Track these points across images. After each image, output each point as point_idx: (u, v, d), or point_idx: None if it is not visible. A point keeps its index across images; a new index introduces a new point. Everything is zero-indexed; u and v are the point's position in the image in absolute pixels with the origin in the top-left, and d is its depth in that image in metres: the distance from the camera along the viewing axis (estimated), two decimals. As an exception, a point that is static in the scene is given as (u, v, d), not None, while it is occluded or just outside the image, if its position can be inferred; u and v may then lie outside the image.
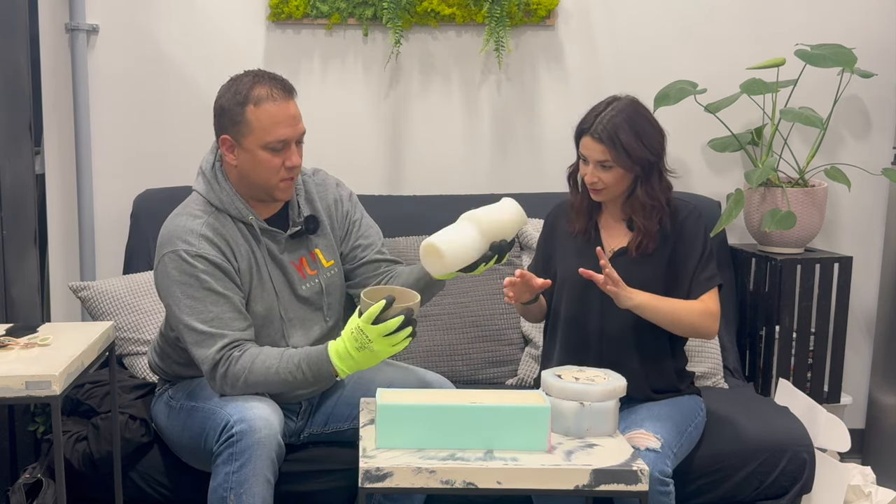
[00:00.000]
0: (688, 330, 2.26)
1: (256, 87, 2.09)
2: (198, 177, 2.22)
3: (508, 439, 1.82)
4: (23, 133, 2.64)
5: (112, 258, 3.09)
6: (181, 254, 2.08)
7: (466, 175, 3.20)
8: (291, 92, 2.13)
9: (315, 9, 3.06)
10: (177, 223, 2.14)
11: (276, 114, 2.09)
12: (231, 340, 2.07)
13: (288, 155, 2.12)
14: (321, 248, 2.26)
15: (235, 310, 2.09)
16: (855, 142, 3.25)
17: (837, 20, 3.16)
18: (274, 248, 2.19)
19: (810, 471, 2.41)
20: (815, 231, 3.00)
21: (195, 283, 2.07)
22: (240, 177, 2.16)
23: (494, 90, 3.19)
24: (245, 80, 2.12)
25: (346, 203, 2.33)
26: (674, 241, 2.27)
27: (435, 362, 2.74)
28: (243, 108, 2.09)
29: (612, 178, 2.23)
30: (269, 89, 2.09)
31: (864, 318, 3.31)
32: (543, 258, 2.42)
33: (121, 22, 3.06)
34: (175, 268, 2.08)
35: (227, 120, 2.11)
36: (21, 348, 2.06)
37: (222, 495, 1.99)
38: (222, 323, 2.07)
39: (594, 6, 3.15)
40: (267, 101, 2.08)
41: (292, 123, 2.11)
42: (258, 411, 2.02)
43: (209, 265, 2.08)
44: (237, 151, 2.13)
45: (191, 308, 2.07)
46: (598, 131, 2.20)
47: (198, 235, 2.10)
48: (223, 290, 2.08)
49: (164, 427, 2.28)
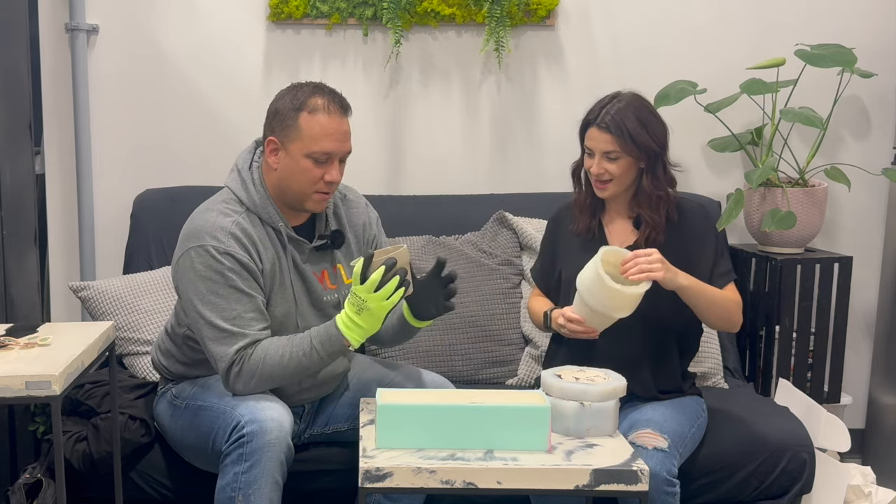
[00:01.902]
0: (721, 317, 2.25)
1: (316, 97, 2.10)
2: (231, 173, 2.22)
3: (508, 439, 1.82)
4: (23, 133, 2.64)
5: (112, 258, 3.09)
6: (209, 249, 2.07)
7: (466, 175, 3.20)
8: (347, 110, 2.14)
9: (315, 9, 3.06)
10: (206, 218, 2.12)
11: (327, 125, 2.09)
12: (250, 341, 2.07)
13: (329, 169, 2.11)
14: (344, 264, 2.26)
15: (258, 310, 2.09)
16: (855, 142, 3.25)
17: (837, 20, 3.16)
18: (298, 257, 2.18)
19: (810, 471, 2.41)
20: (815, 231, 3.00)
21: (221, 279, 2.06)
22: (277, 181, 2.14)
23: (494, 90, 3.19)
24: (306, 87, 2.13)
25: (374, 227, 2.34)
26: (681, 237, 2.28)
27: (435, 362, 2.74)
28: (298, 113, 2.09)
29: (618, 169, 2.23)
30: (327, 101, 2.10)
31: (864, 318, 3.31)
32: (549, 259, 2.42)
33: (121, 22, 3.06)
34: (202, 262, 2.07)
35: (279, 122, 2.11)
36: (21, 348, 2.06)
37: (230, 495, 1.99)
38: (244, 322, 2.07)
39: (594, 6, 3.15)
40: (321, 111, 2.09)
41: (340, 139, 2.12)
42: (270, 412, 2.02)
43: (236, 263, 2.07)
44: (281, 154, 2.12)
45: (214, 305, 2.06)
46: (606, 121, 2.21)
47: (227, 233, 2.09)
48: (248, 289, 2.08)
49: (168, 426, 2.27)
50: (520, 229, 2.92)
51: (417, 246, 2.89)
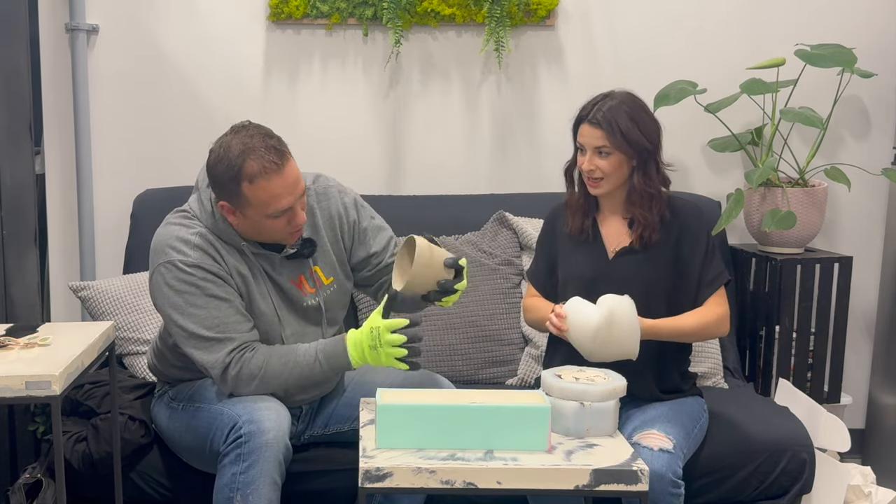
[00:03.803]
0: (702, 339, 2.37)
1: (248, 162, 1.96)
2: (194, 191, 2.16)
3: (508, 439, 1.82)
4: (23, 133, 2.64)
5: (112, 258, 3.09)
6: (177, 263, 2.05)
7: (466, 175, 3.20)
8: (284, 155, 2.00)
9: (315, 9, 3.06)
10: (168, 232, 2.09)
11: (274, 188, 1.98)
12: (239, 343, 2.06)
13: (292, 217, 2.04)
14: (320, 265, 2.23)
15: (238, 312, 2.08)
16: (855, 142, 3.25)
17: (837, 20, 3.16)
18: (269, 269, 2.15)
19: (810, 471, 2.41)
20: (815, 231, 3.00)
21: (196, 290, 2.04)
22: (243, 231, 2.10)
23: (494, 90, 3.19)
24: (234, 148, 1.98)
25: (352, 211, 2.24)
26: (676, 237, 2.27)
27: (435, 362, 2.74)
28: (238, 184, 1.98)
29: (609, 166, 2.23)
30: (260, 163, 1.96)
31: (864, 318, 3.31)
32: (546, 259, 2.41)
33: (121, 22, 3.06)
34: (173, 277, 2.05)
35: (224, 191, 2.03)
36: (21, 348, 2.06)
37: (228, 495, 1.99)
38: (227, 327, 2.06)
39: (594, 6, 3.15)
40: (260, 177, 1.96)
41: (292, 191, 2.01)
42: (267, 412, 2.02)
43: (206, 273, 2.05)
44: (238, 216, 2.05)
45: (194, 316, 2.04)
46: (597, 118, 2.22)
47: (192, 245, 2.06)
48: (224, 294, 2.06)
49: (165, 428, 2.27)
50: (520, 229, 2.92)
51: (417, 246, 2.89)
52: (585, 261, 2.28)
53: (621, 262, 2.26)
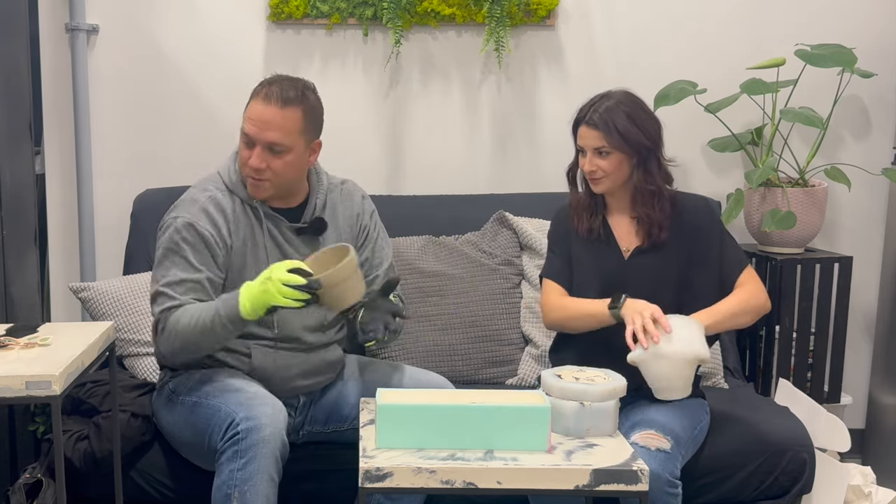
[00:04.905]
0: (751, 318, 2.29)
1: (270, 84, 2.18)
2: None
3: (508, 439, 1.82)
4: (23, 133, 2.64)
5: (112, 258, 3.09)
6: (176, 221, 2.18)
7: (466, 175, 3.19)
8: (284, 102, 2.16)
9: (315, 9, 3.06)
10: (188, 194, 2.24)
11: (254, 110, 2.17)
12: (176, 304, 2.11)
13: (251, 154, 2.17)
14: None
15: (198, 283, 2.14)
16: (855, 142, 3.25)
17: (837, 20, 3.16)
18: (276, 233, 2.23)
19: (810, 471, 2.41)
20: (815, 231, 3.00)
21: (175, 248, 2.16)
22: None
23: (494, 90, 3.19)
24: (275, 78, 2.22)
25: (367, 219, 2.38)
26: (688, 233, 2.28)
27: (435, 362, 2.74)
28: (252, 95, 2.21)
29: (609, 166, 2.23)
30: (269, 89, 2.17)
31: (864, 318, 3.31)
32: (563, 257, 2.36)
33: (121, 22, 3.06)
34: (167, 233, 2.18)
35: None
36: (21, 348, 2.06)
37: (227, 493, 2.00)
38: (180, 290, 2.13)
39: (594, 6, 3.15)
40: (257, 96, 2.18)
41: (259, 126, 2.15)
42: (264, 409, 2.03)
43: (196, 236, 2.15)
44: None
45: (162, 268, 2.16)
46: (594, 119, 2.23)
47: (199, 207, 2.18)
48: (197, 263, 2.15)
49: (165, 423, 2.28)
50: (520, 229, 2.91)
51: (417, 246, 2.89)
52: (602, 261, 2.28)
53: (636, 263, 2.27)
